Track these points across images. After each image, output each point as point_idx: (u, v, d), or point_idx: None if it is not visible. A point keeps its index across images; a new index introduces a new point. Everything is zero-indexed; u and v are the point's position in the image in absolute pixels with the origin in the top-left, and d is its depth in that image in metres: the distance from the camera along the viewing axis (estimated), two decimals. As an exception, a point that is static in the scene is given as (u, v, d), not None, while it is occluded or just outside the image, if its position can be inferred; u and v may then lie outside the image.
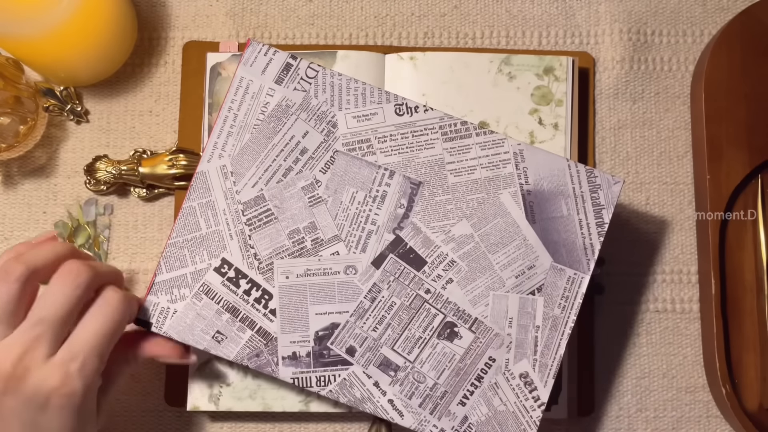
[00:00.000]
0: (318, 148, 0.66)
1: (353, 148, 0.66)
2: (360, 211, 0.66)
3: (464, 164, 0.66)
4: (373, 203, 0.66)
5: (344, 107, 0.66)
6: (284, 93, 0.66)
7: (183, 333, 0.65)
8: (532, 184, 0.66)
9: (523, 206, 0.66)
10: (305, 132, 0.66)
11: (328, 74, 0.66)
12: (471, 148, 0.66)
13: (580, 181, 0.66)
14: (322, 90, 0.66)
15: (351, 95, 0.66)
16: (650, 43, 0.82)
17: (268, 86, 0.66)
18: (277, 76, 0.66)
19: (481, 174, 0.66)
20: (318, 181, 0.66)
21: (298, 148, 0.66)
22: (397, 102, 0.66)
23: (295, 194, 0.66)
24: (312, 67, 0.66)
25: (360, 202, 0.66)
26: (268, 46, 0.66)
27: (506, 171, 0.66)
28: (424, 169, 0.66)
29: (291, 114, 0.66)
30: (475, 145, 0.66)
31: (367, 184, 0.66)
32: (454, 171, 0.66)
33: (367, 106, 0.66)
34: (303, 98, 0.66)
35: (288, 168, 0.66)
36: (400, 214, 0.66)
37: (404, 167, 0.66)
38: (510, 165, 0.66)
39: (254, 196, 0.66)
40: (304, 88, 0.66)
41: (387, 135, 0.66)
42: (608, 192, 0.66)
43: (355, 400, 0.65)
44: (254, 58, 0.66)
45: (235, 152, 0.66)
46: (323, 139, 0.66)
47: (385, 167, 0.66)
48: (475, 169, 0.66)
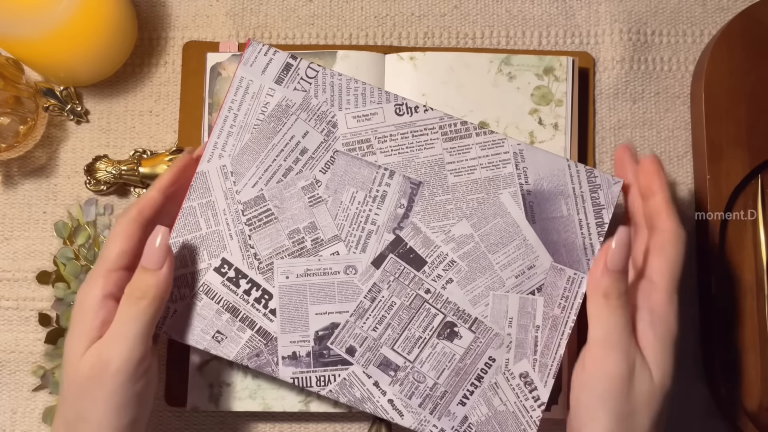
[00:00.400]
0: (318, 148, 0.65)
1: (353, 148, 0.65)
2: (360, 211, 0.65)
3: (464, 164, 0.65)
4: (373, 203, 0.65)
5: (344, 107, 0.65)
6: (284, 93, 0.65)
7: (183, 333, 0.64)
8: (532, 184, 0.65)
9: (523, 206, 0.65)
10: (305, 132, 0.65)
11: (329, 74, 0.65)
12: (471, 148, 0.65)
13: (580, 181, 0.65)
14: (322, 90, 0.65)
15: (351, 95, 0.65)
16: (650, 43, 0.81)
17: (268, 86, 0.65)
18: (277, 76, 0.65)
19: (481, 174, 0.65)
20: (318, 181, 0.65)
21: (298, 148, 0.65)
22: (397, 102, 0.65)
23: (295, 194, 0.65)
24: (312, 67, 0.65)
25: (360, 202, 0.65)
26: (268, 46, 0.65)
27: (506, 171, 0.65)
28: (424, 169, 0.65)
29: (291, 114, 0.65)
30: (475, 145, 0.65)
31: (367, 184, 0.65)
32: (454, 171, 0.65)
33: (367, 106, 0.65)
34: (303, 98, 0.65)
35: (288, 168, 0.65)
36: (400, 214, 0.65)
37: (404, 167, 0.65)
38: (510, 165, 0.65)
39: (254, 196, 0.65)
40: (304, 88, 0.65)
41: (387, 135, 0.65)
42: (608, 192, 0.64)
43: (355, 400, 0.64)
44: (254, 58, 0.65)
45: (236, 152, 0.65)
46: (323, 139, 0.65)
47: (385, 167, 0.65)
48: (475, 169, 0.65)
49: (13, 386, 0.77)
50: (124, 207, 0.79)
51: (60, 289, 0.77)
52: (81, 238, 0.78)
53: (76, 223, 0.78)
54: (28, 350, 0.78)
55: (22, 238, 0.79)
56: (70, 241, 0.78)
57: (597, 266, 0.59)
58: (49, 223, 0.79)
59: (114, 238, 0.61)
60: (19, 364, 0.78)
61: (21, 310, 0.78)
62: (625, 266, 0.59)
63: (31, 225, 0.79)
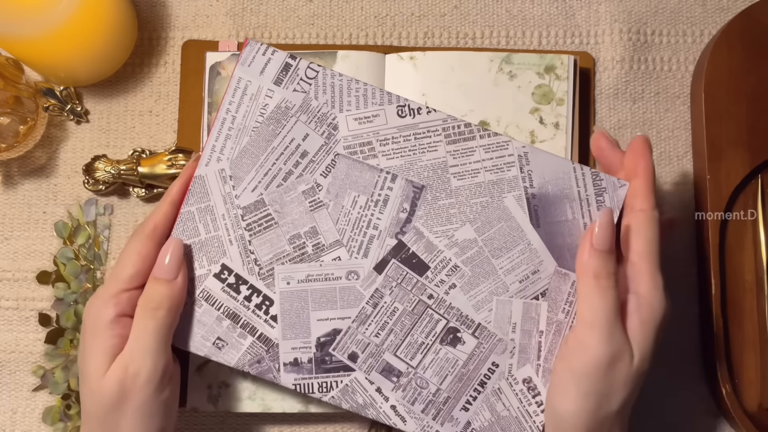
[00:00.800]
0: (319, 151, 0.63)
1: (354, 151, 0.63)
2: (362, 215, 0.63)
3: (468, 167, 0.63)
4: (375, 207, 0.63)
5: (345, 109, 0.63)
6: (283, 94, 0.63)
7: (183, 339, 0.62)
8: (537, 188, 0.63)
9: (527, 210, 0.63)
10: (305, 135, 0.63)
11: (329, 75, 0.63)
12: (475, 151, 0.63)
13: (586, 184, 0.62)
14: (323, 91, 0.63)
15: (352, 96, 0.63)
16: (650, 43, 0.80)
17: (267, 87, 0.63)
18: (276, 76, 0.63)
19: (485, 177, 0.63)
20: (319, 185, 0.63)
21: (298, 151, 0.63)
22: (399, 103, 0.63)
23: (296, 198, 0.63)
24: (312, 67, 0.63)
25: (362, 207, 0.63)
26: (266, 46, 0.63)
27: (510, 174, 0.63)
28: (427, 173, 0.63)
29: (291, 116, 0.63)
30: (479, 148, 0.63)
31: (369, 188, 0.63)
32: (457, 174, 0.63)
33: (369, 107, 0.63)
34: (303, 100, 0.63)
35: (288, 172, 0.63)
36: (403, 219, 0.63)
37: (407, 171, 0.63)
38: (514, 168, 0.63)
39: (254, 201, 0.63)
40: (303, 89, 0.63)
41: (389, 137, 0.63)
42: (614, 195, 0.62)
43: (358, 406, 0.63)
44: (252, 58, 0.62)
45: (234, 155, 0.62)
46: (324, 142, 0.63)
47: (387, 171, 0.63)
48: (479, 172, 0.63)
49: (13, 386, 0.76)
50: (124, 207, 0.78)
51: (60, 289, 0.76)
52: (81, 238, 0.77)
53: (76, 223, 0.77)
54: (28, 350, 0.77)
55: (22, 238, 0.78)
56: (70, 241, 0.77)
57: (583, 248, 0.59)
58: (49, 223, 0.78)
59: (128, 256, 0.60)
60: (19, 364, 0.77)
61: (21, 310, 0.77)
62: (611, 246, 0.58)
63: (31, 225, 0.78)
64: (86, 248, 0.77)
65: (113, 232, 0.78)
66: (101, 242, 0.77)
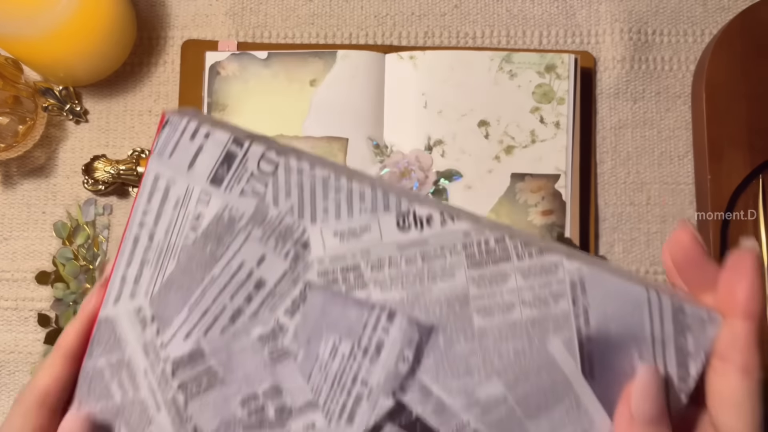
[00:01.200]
0: (281, 281, 0.42)
1: (334, 279, 0.42)
2: (345, 367, 0.42)
3: (498, 299, 0.42)
4: (363, 357, 0.42)
5: (320, 219, 0.42)
6: (226, 199, 0.42)
7: None
8: (594, 327, 0.42)
9: (579, 357, 0.42)
10: (261, 256, 0.42)
11: (294, 167, 0.41)
12: (509, 277, 0.42)
13: (663, 320, 0.42)
14: (285, 193, 0.42)
15: (330, 200, 0.41)
16: (651, 43, 0.79)
17: (201, 189, 0.42)
18: (214, 172, 0.42)
19: (522, 313, 0.42)
20: (282, 326, 0.42)
21: (250, 280, 0.42)
22: (400, 209, 0.41)
23: (249, 346, 0.43)
24: (268, 157, 0.41)
25: (345, 356, 0.42)
26: (196, 123, 0.41)
27: (559, 308, 0.42)
28: (440, 308, 0.42)
29: (238, 231, 0.42)
30: (515, 272, 0.42)
31: (356, 330, 0.42)
32: (482, 309, 0.42)
33: (356, 216, 0.42)
34: (256, 207, 0.42)
35: (236, 310, 0.42)
36: (403, 372, 0.42)
37: (410, 306, 0.42)
38: (564, 300, 0.42)
39: (188, 351, 0.43)
40: (257, 191, 0.42)
41: (385, 259, 0.42)
42: (700, 336, 0.41)
43: None
44: (174, 145, 0.41)
45: (155, 289, 0.43)
46: (289, 267, 0.42)
47: (382, 306, 0.42)
48: (514, 306, 0.42)
49: (12, 386, 0.75)
50: (124, 207, 0.77)
51: (59, 290, 0.75)
52: (80, 238, 0.76)
53: (75, 223, 0.77)
54: (27, 350, 0.76)
55: (21, 239, 0.77)
56: (69, 241, 0.76)
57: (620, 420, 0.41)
58: (48, 223, 0.77)
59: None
60: (18, 365, 0.76)
61: (20, 311, 0.76)
62: (657, 414, 0.40)
63: (30, 225, 0.77)
64: (85, 248, 0.76)
65: (112, 232, 0.77)
66: (100, 242, 0.76)
